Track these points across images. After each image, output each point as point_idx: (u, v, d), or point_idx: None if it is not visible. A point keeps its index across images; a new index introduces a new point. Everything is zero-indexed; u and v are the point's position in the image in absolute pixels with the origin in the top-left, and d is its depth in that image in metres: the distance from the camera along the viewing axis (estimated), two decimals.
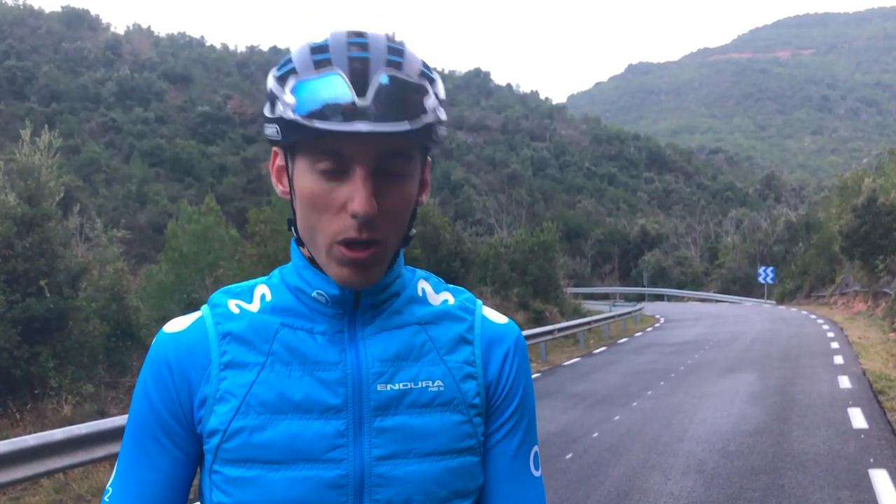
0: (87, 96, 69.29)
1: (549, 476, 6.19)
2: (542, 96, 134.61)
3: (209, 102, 74.53)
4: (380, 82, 0.89)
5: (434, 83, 0.94)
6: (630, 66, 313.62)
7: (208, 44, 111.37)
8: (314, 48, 0.93)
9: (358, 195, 0.90)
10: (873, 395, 9.94)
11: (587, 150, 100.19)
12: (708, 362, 14.35)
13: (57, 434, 4.94)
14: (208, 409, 0.97)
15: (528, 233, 28.69)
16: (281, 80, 0.93)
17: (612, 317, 23.24)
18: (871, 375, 11.52)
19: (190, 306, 12.57)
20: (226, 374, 0.97)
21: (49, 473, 5.14)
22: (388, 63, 0.91)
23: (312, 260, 0.99)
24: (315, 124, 0.88)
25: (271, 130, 0.93)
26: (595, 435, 7.95)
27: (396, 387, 0.98)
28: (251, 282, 1.06)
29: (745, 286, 46.28)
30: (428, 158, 1.01)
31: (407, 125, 0.89)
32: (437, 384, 0.99)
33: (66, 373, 9.88)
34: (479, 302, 1.09)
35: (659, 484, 6.01)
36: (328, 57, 0.91)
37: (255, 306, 1.01)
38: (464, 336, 1.04)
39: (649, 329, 24.42)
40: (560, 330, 17.34)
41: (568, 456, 7.01)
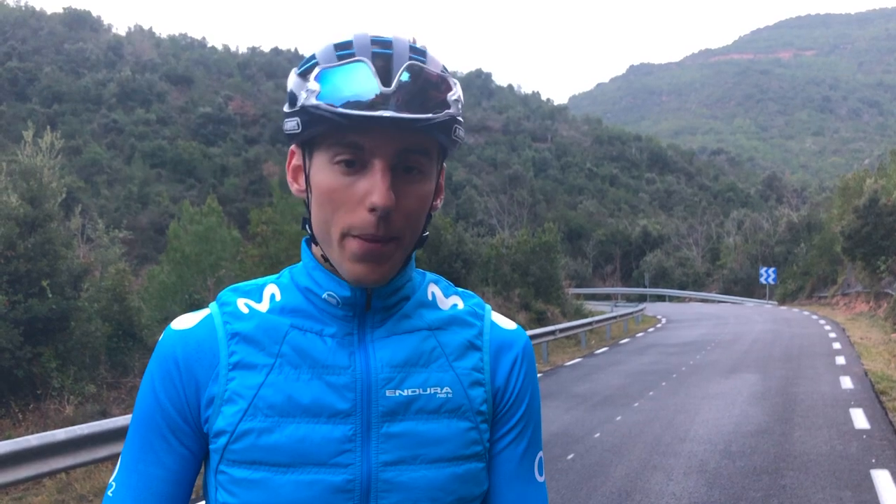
0: (89, 97, 69.34)
1: (551, 476, 6.20)
2: (544, 97, 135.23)
3: (210, 103, 74.50)
4: (404, 74, 0.90)
5: (455, 84, 0.95)
6: (631, 66, 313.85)
7: (210, 45, 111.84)
8: (338, 45, 0.93)
9: (377, 188, 0.90)
10: (875, 395, 9.93)
11: (589, 151, 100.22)
12: (710, 363, 14.33)
13: (59, 434, 4.94)
14: (216, 409, 0.97)
15: (529, 233, 28.65)
16: (303, 75, 0.93)
17: (614, 317, 23.19)
18: (873, 376, 11.51)
19: (191, 307, 12.55)
20: (234, 375, 0.97)
21: (51, 473, 5.14)
22: (410, 59, 0.92)
23: (324, 260, 0.99)
24: (339, 109, 0.88)
25: (291, 124, 0.93)
26: (597, 435, 7.94)
27: (405, 393, 0.97)
28: (260, 280, 1.05)
29: (747, 287, 46.29)
30: (444, 164, 1.01)
31: (430, 115, 0.90)
32: (445, 391, 0.99)
33: (69, 373, 9.90)
34: (487, 307, 1.09)
35: (661, 484, 6.01)
36: (353, 52, 0.92)
37: (264, 306, 1.00)
38: (473, 342, 1.03)
39: (651, 329, 24.39)
40: (562, 330, 17.30)
41: (570, 456, 7.01)
